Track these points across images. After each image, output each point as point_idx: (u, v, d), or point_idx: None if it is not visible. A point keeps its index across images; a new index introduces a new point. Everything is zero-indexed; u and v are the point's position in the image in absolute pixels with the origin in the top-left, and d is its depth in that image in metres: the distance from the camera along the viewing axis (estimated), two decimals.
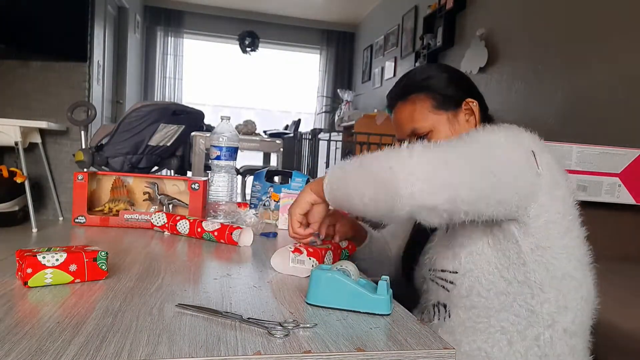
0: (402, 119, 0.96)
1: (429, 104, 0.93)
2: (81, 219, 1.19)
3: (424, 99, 0.94)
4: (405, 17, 5.25)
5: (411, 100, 0.95)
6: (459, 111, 0.95)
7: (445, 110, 0.94)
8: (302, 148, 4.13)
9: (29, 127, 1.37)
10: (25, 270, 0.67)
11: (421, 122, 0.93)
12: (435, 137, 0.92)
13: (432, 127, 0.93)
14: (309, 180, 1.47)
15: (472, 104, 0.95)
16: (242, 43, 6.93)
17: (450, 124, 0.93)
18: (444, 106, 0.94)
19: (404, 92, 0.97)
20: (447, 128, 0.93)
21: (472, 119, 0.95)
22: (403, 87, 0.98)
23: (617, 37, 2.37)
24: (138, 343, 0.51)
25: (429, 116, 0.93)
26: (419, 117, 0.94)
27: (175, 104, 1.46)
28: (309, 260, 0.83)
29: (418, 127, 0.94)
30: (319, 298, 0.67)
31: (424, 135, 0.93)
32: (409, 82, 0.98)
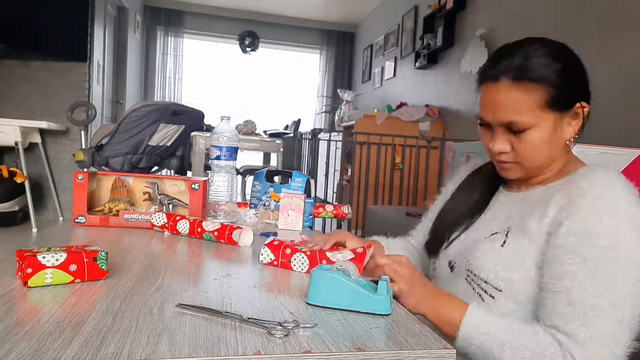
0: (504, 103, 0.80)
1: (543, 100, 0.78)
2: (81, 219, 1.19)
3: (540, 91, 0.78)
4: (405, 17, 5.25)
5: (523, 88, 0.78)
6: (568, 113, 0.81)
7: (556, 109, 0.79)
8: (302, 148, 4.13)
9: (29, 127, 1.37)
10: (25, 270, 0.67)
11: (525, 116, 0.78)
12: (531, 135, 0.79)
13: (534, 125, 0.79)
14: (309, 180, 1.47)
15: (585, 108, 0.82)
16: (242, 43, 6.93)
17: (554, 127, 0.80)
18: (557, 105, 0.79)
19: (520, 72, 0.78)
20: (550, 130, 0.80)
21: (576, 123, 0.82)
22: (521, 66, 0.79)
23: (617, 37, 2.37)
24: (138, 343, 0.51)
25: (535, 112, 0.78)
26: (524, 110, 0.78)
27: (175, 104, 1.46)
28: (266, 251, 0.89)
29: (519, 122, 0.79)
30: (319, 298, 0.67)
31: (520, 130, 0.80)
32: (527, 65, 0.79)
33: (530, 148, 0.81)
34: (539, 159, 0.83)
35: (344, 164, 4.58)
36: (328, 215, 1.50)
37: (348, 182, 4.18)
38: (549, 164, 0.85)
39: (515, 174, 0.86)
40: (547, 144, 0.81)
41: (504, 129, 0.82)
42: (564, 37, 1.16)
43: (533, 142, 0.80)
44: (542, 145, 0.80)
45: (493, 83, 0.81)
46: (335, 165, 4.58)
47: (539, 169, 0.85)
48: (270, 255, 0.89)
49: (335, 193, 4.59)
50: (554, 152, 0.83)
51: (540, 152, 0.81)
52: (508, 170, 0.86)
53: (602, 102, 2.50)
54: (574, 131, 0.83)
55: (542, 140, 0.80)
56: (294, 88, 7.34)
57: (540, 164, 0.84)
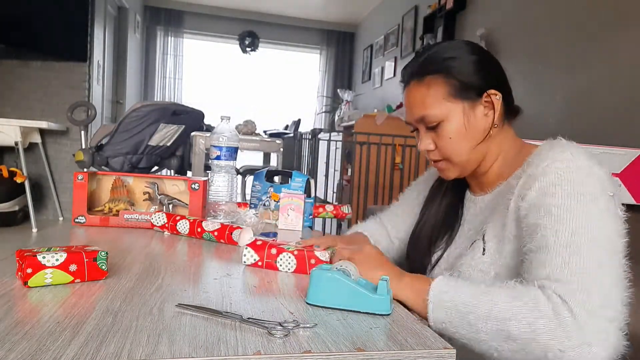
0: (414, 101, 0.85)
1: (445, 90, 0.82)
2: (81, 219, 1.19)
3: (440, 83, 0.82)
4: (405, 17, 5.25)
5: (426, 83, 0.83)
6: (478, 102, 0.83)
7: (462, 99, 0.82)
8: (302, 148, 4.13)
9: (29, 127, 1.37)
10: (25, 270, 0.67)
11: (433, 109, 0.82)
12: (445, 128, 0.83)
13: (444, 117, 0.82)
14: (309, 180, 1.47)
15: (495, 96, 0.83)
16: (242, 43, 6.93)
17: (465, 116, 0.82)
18: (462, 94, 0.82)
19: (421, 70, 0.84)
20: (461, 120, 0.82)
21: (491, 113, 0.84)
22: (421, 64, 0.85)
23: (617, 37, 2.37)
24: (138, 343, 0.51)
25: (442, 104, 0.82)
26: (431, 103, 0.83)
27: (175, 104, 1.46)
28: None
29: (428, 115, 0.83)
30: (319, 298, 0.67)
31: (434, 125, 0.84)
32: (428, 60, 0.84)
33: (447, 140, 0.83)
34: (461, 151, 0.84)
35: (344, 164, 4.58)
36: (328, 215, 1.50)
37: (348, 182, 4.18)
38: (478, 155, 0.85)
39: (452, 173, 0.88)
40: (462, 135, 0.83)
41: (424, 128, 0.86)
42: (564, 36, 1.17)
43: (448, 134, 0.83)
44: (457, 136, 0.83)
45: (407, 87, 0.87)
46: (335, 165, 4.58)
47: (472, 162, 0.86)
48: (255, 255, 0.87)
49: (335, 193, 4.58)
50: (474, 141, 0.84)
51: (459, 143, 0.83)
52: (444, 171, 0.89)
53: (602, 102, 2.51)
54: (491, 120, 0.84)
55: (457, 131, 0.83)
56: (294, 88, 7.34)
57: (466, 156, 0.84)
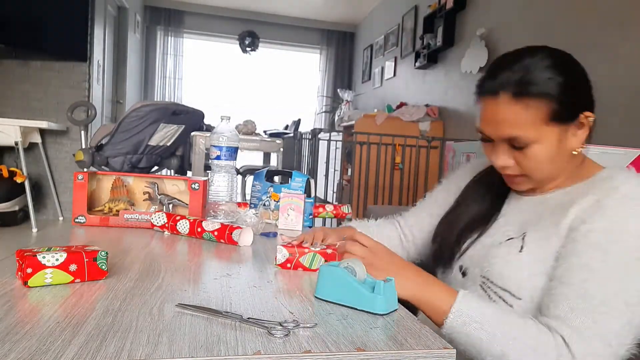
0: (505, 119, 0.77)
1: (545, 113, 0.75)
2: (81, 218, 1.19)
3: (541, 106, 0.75)
4: (405, 17, 5.25)
5: (524, 103, 0.75)
6: (572, 125, 0.78)
7: (559, 123, 0.77)
8: (302, 148, 4.13)
9: (29, 127, 1.37)
10: (25, 270, 0.67)
11: (527, 131, 0.76)
12: (535, 150, 0.77)
13: (537, 140, 0.77)
14: (309, 180, 1.47)
15: (589, 118, 0.79)
16: (242, 43, 6.93)
17: (558, 140, 0.77)
18: (560, 118, 0.76)
19: (518, 88, 0.76)
20: (555, 144, 0.77)
21: (581, 134, 0.80)
22: (519, 82, 0.76)
23: (617, 37, 2.37)
24: (138, 343, 0.51)
25: (538, 127, 0.76)
26: (527, 126, 0.76)
27: (175, 103, 1.46)
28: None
29: (521, 137, 0.76)
30: (324, 292, 0.70)
31: (523, 146, 0.77)
32: (527, 80, 0.76)
33: (534, 163, 0.79)
34: (546, 172, 0.81)
35: (344, 164, 4.58)
36: (328, 215, 1.50)
37: (348, 182, 4.18)
38: (558, 173, 0.83)
39: (525, 186, 0.85)
40: (551, 158, 0.79)
41: (506, 144, 0.80)
42: (564, 36, 1.16)
43: (537, 157, 0.78)
44: (546, 160, 0.79)
45: (493, 98, 0.79)
46: (335, 165, 4.58)
47: (550, 180, 0.84)
48: (287, 254, 0.86)
49: (335, 193, 4.58)
50: (560, 163, 0.81)
51: (546, 165, 0.80)
52: (519, 184, 0.85)
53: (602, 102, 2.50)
54: (580, 141, 0.80)
55: (547, 154, 0.78)
56: (294, 88, 7.34)
57: (548, 175, 0.82)
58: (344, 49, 7.34)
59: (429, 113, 4.32)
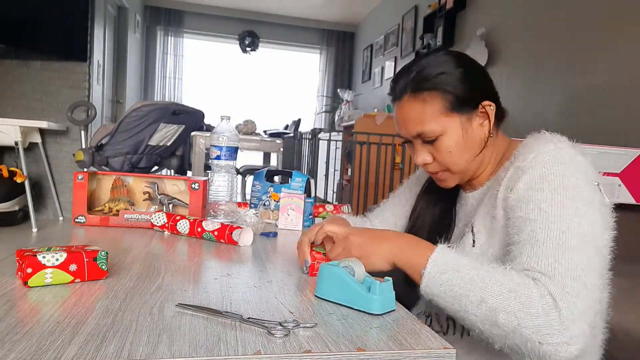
0: (409, 117, 0.84)
1: (442, 105, 0.81)
2: (81, 218, 1.19)
3: (436, 98, 0.81)
4: (405, 16, 5.25)
5: (421, 99, 0.82)
6: (474, 114, 0.83)
7: (459, 112, 0.82)
8: (302, 148, 4.13)
9: (29, 127, 1.37)
10: (25, 270, 0.67)
11: (431, 125, 0.82)
12: (444, 142, 0.82)
13: (443, 132, 0.82)
14: (309, 180, 1.47)
15: (489, 107, 0.84)
16: (242, 43, 6.93)
17: (463, 129, 0.82)
18: (458, 108, 0.82)
19: (415, 86, 0.83)
20: (460, 133, 0.82)
21: (487, 123, 0.84)
22: (413, 80, 0.83)
23: (617, 37, 2.37)
24: (138, 343, 0.51)
25: (440, 119, 0.81)
26: (429, 119, 0.82)
27: (175, 103, 1.46)
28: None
29: (427, 131, 0.82)
30: (323, 292, 0.70)
31: (432, 139, 0.83)
32: (420, 77, 0.82)
33: (447, 154, 0.83)
34: (461, 162, 0.84)
35: (344, 164, 4.58)
36: (328, 215, 1.50)
37: (348, 182, 4.18)
38: (477, 163, 0.86)
39: (452, 182, 0.88)
40: (462, 147, 0.83)
41: (420, 141, 0.85)
42: (564, 36, 1.16)
43: (448, 148, 0.83)
44: (457, 149, 0.83)
45: (398, 101, 0.86)
46: (335, 165, 4.58)
47: (471, 170, 0.86)
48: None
49: (335, 193, 4.58)
50: (473, 152, 0.84)
51: (459, 155, 0.83)
52: (444, 181, 0.88)
53: (602, 102, 2.51)
54: (487, 129, 0.85)
55: (456, 144, 0.82)
56: (294, 88, 7.34)
57: (466, 165, 0.85)
58: (344, 49, 7.33)
59: None
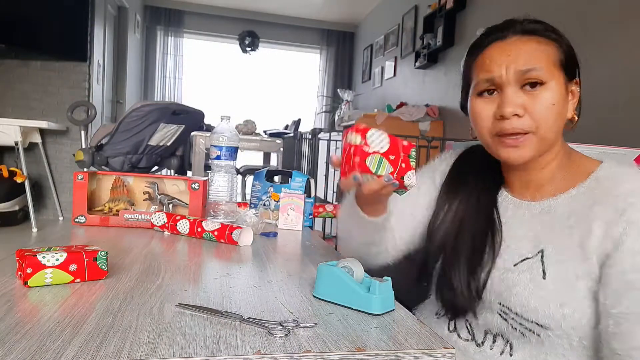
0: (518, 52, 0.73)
1: (556, 56, 0.74)
2: (81, 218, 1.19)
3: (553, 48, 0.74)
4: (405, 16, 5.25)
5: (538, 41, 0.74)
6: (571, 84, 0.76)
7: (564, 71, 0.74)
8: (302, 148, 4.13)
9: (29, 127, 1.37)
10: (25, 270, 0.67)
11: (542, 65, 0.72)
12: (546, 94, 0.72)
13: (549, 81, 0.72)
14: (309, 180, 1.47)
15: (578, 87, 0.77)
16: (242, 43, 6.92)
17: (565, 92, 0.74)
18: (565, 67, 0.74)
19: (534, 29, 0.75)
20: (562, 93, 0.73)
21: (573, 102, 0.77)
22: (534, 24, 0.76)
23: (617, 37, 2.37)
24: (138, 343, 0.51)
25: (550, 66, 0.73)
26: (540, 59, 0.72)
27: (175, 103, 1.46)
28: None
29: (537, 69, 0.71)
30: (322, 292, 0.70)
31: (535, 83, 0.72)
32: (538, 23, 0.76)
33: (546, 107, 0.72)
34: (553, 126, 0.73)
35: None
36: (328, 215, 1.50)
37: None
38: (554, 142, 0.76)
39: (529, 151, 0.74)
40: (559, 108, 0.73)
41: (517, 87, 0.73)
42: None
43: (549, 100, 0.72)
44: (555, 108, 0.72)
45: (501, 40, 0.75)
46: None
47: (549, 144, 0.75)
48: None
49: (335, 193, 4.58)
50: (561, 121, 0.75)
51: (555, 116, 0.72)
52: (522, 148, 0.73)
53: (602, 102, 2.51)
54: (573, 111, 0.77)
55: (557, 101, 0.72)
56: (294, 88, 7.33)
57: (553, 135, 0.74)
58: (344, 49, 7.33)
59: (429, 113, 4.32)
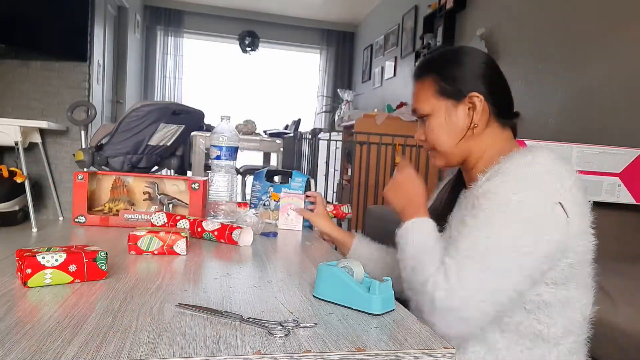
0: (413, 95, 0.97)
1: (434, 89, 0.92)
2: (81, 218, 1.19)
3: (431, 81, 0.92)
4: (405, 16, 5.25)
5: (421, 80, 0.95)
6: (461, 103, 0.90)
7: (446, 98, 0.91)
8: (302, 148, 4.13)
9: (29, 127, 1.37)
10: (25, 270, 0.67)
11: (422, 104, 0.93)
12: (431, 122, 0.93)
13: (431, 112, 0.92)
14: (309, 180, 1.47)
15: (477, 98, 0.89)
16: (242, 43, 6.92)
17: (447, 114, 0.91)
18: (446, 94, 0.91)
19: (420, 69, 0.96)
20: (444, 117, 0.91)
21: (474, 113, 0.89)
22: (421, 64, 0.98)
23: (617, 37, 2.37)
24: (138, 343, 0.51)
25: (430, 100, 0.92)
26: (422, 99, 0.94)
27: (175, 103, 1.45)
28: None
29: (419, 109, 0.94)
30: (321, 292, 0.70)
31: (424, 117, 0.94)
32: (426, 61, 0.97)
33: (430, 132, 0.93)
34: (444, 144, 0.92)
35: (344, 164, 4.57)
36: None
37: (348, 182, 4.18)
38: (462, 150, 0.92)
39: (439, 161, 0.97)
40: (444, 129, 0.91)
41: (420, 122, 0.97)
42: (564, 36, 1.14)
43: (431, 127, 0.93)
44: (440, 130, 0.92)
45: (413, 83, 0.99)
46: (335, 165, 4.57)
47: (455, 155, 0.93)
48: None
49: (335, 193, 4.58)
50: (454, 136, 0.91)
51: (440, 136, 0.92)
52: (432, 159, 0.98)
53: (602, 102, 2.51)
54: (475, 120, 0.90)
55: (439, 125, 0.92)
56: (294, 88, 7.33)
57: (448, 148, 0.92)
58: (344, 49, 7.33)
59: None
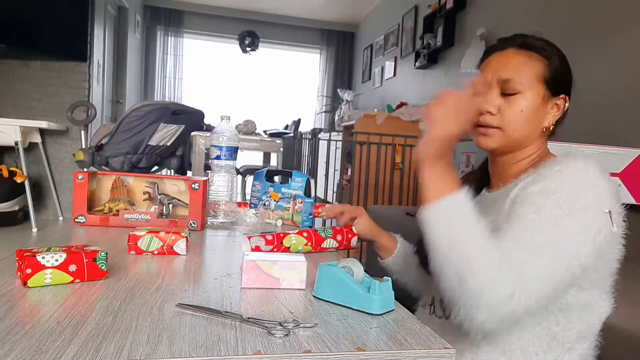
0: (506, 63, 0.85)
1: (541, 71, 0.84)
2: (81, 218, 1.19)
3: (540, 63, 0.85)
4: (405, 16, 5.25)
5: (528, 55, 0.85)
6: (553, 99, 0.86)
7: (547, 88, 0.85)
8: (302, 148, 4.13)
9: (29, 127, 1.37)
10: (25, 270, 0.67)
11: (523, 79, 0.83)
12: (520, 100, 0.84)
13: (526, 91, 0.83)
14: (309, 180, 1.47)
15: (566, 103, 0.87)
16: (242, 43, 6.92)
17: (541, 103, 0.84)
18: (549, 84, 0.85)
19: (525, 43, 0.86)
20: (537, 103, 0.84)
21: (556, 114, 0.87)
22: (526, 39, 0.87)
23: (616, 37, 2.37)
24: (138, 343, 0.51)
25: (532, 80, 0.84)
26: (524, 74, 0.84)
27: (175, 103, 1.46)
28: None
29: (515, 80, 0.83)
30: (321, 292, 0.70)
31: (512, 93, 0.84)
32: (534, 40, 0.87)
33: (516, 112, 0.84)
34: (520, 128, 0.85)
35: (344, 164, 4.57)
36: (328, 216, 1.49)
37: (348, 182, 4.18)
38: (525, 142, 0.86)
39: (495, 142, 0.86)
40: (530, 115, 0.84)
41: (498, 91, 0.85)
42: (564, 36, 1.14)
43: (520, 106, 0.84)
44: (526, 114, 0.84)
45: (499, 52, 0.88)
46: (335, 165, 4.57)
47: (517, 144, 0.86)
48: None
49: (335, 193, 4.58)
50: (533, 129, 0.85)
51: (523, 121, 0.84)
52: (488, 138, 0.86)
53: (602, 102, 2.51)
54: (552, 120, 0.87)
55: (528, 109, 0.84)
56: (294, 88, 7.33)
57: (519, 136, 0.85)
58: (344, 49, 7.33)
59: None
